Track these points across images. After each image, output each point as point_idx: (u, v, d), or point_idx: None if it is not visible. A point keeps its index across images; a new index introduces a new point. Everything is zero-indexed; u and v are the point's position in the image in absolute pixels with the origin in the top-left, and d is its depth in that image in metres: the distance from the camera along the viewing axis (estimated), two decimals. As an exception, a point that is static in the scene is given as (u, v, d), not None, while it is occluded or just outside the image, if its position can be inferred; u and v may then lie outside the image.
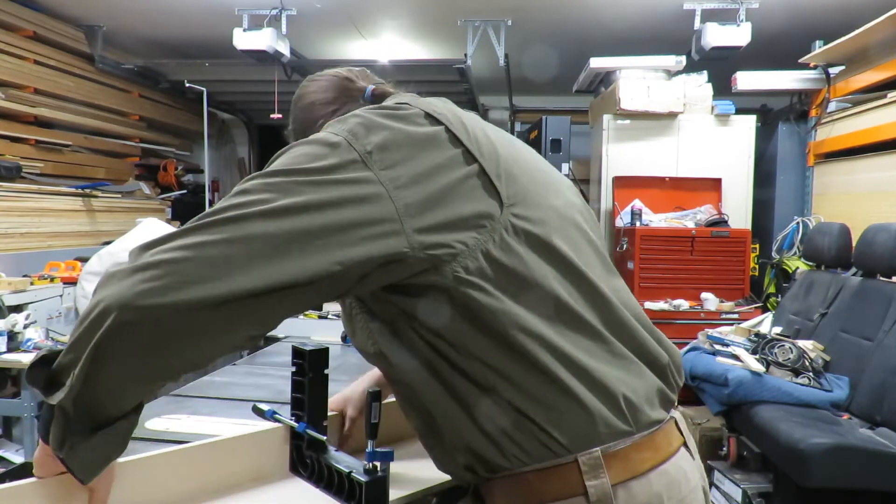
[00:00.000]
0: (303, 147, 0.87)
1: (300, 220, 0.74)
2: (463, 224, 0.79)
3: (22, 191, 4.30)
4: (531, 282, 0.82)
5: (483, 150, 0.84)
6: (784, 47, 4.68)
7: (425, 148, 0.81)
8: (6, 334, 3.06)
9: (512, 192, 0.83)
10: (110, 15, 4.91)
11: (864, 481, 2.40)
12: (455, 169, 0.81)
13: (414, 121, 0.84)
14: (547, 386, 0.81)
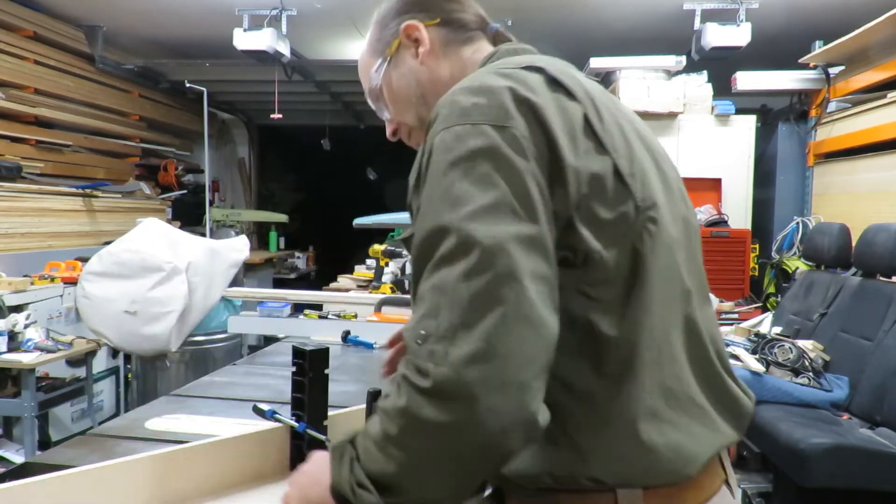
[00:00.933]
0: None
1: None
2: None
3: (22, 191, 4.30)
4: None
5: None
6: (784, 47, 4.68)
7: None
8: (7, 334, 3.07)
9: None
10: (110, 15, 4.91)
11: (864, 481, 2.40)
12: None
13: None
14: (613, 421, 0.75)
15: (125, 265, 3.23)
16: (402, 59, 0.99)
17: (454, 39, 0.98)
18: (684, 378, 0.78)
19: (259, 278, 6.67)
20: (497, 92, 0.75)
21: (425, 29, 0.97)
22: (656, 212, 0.78)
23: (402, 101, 1.00)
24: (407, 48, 0.98)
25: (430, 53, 0.97)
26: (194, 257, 3.35)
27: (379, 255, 3.46)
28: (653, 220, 0.77)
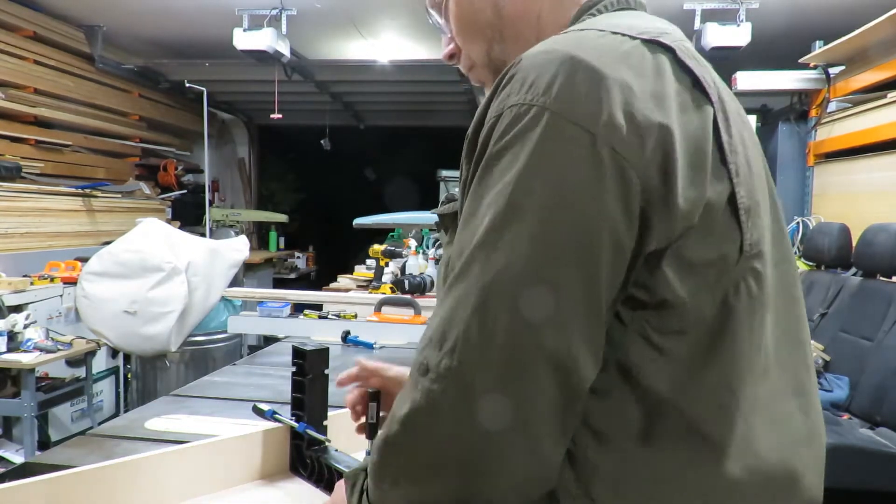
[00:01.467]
0: None
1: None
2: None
3: (22, 191, 4.30)
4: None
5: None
6: (784, 47, 4.68)
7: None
8: (6, 334, 3.06)
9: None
10: (110, 15, 4.90)
11: (864, 481, 2.40)
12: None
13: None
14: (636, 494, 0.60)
15: (125, 265, 3.23)
16: None
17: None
18: (756, 468, 0.61)
19: (259, 278, 6.67)
20: (608, 84, 0.55)
21: None
22: (761, 261, 0.62)
23: (471, 27, 0.77)
24: None
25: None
26: (194, 257, 3.35)
27: (379, 255, 3.46)
28: (755, 271, 0.61)
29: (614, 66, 0.56)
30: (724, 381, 0.59)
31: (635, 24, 0.63)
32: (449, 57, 0.84)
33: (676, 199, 0.56)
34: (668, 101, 0.57)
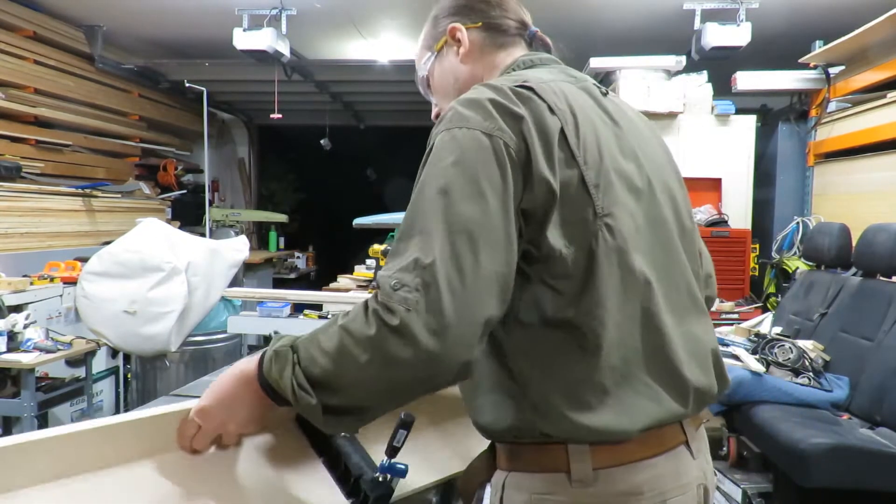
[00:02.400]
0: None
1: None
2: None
3: (22, 191, 4.30)
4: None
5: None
6: (784, 47, 4.68)
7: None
8: (6, 334, 3.06)
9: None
10: (110, 15, 4.91)
11: (864, 481, 2.40)
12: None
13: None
14: (563, 389, 0.89)
15: (125, 265, 3.23)
16: (445, 55, 1.15)
17: (491, 44, 1.13)
18: (631, 359, 0.90)
19: (259, 278, 6.67)
20: (486, 105, 0.89)
21: (467, 32, 1.12)
22: (612, 218, 0.90)
23: (443, 91, 1.16)
24: (451, 46, 1.13)
25: (468, 54, 1.12)
26: (194, 257, 3.35)
27: (379, 255, 3.46)
28: (608, 226, 0.89)
29: (492, 94, 0.91)
30: (598, 301, 0.88)
31: (517, 77, 0.97)
32: (435, 116, 1.16)
33: (533, 174, 0.87)
34: (524, 109, 0.90)
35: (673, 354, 0.93)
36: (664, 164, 1.06)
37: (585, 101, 0.98)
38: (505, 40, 1.14)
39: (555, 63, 1.10)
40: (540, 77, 0.98)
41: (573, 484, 0.88)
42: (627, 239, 0.90)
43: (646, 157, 1.00)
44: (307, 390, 0.84)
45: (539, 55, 1.11)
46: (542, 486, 0.90)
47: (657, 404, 0.91)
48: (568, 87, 0.98)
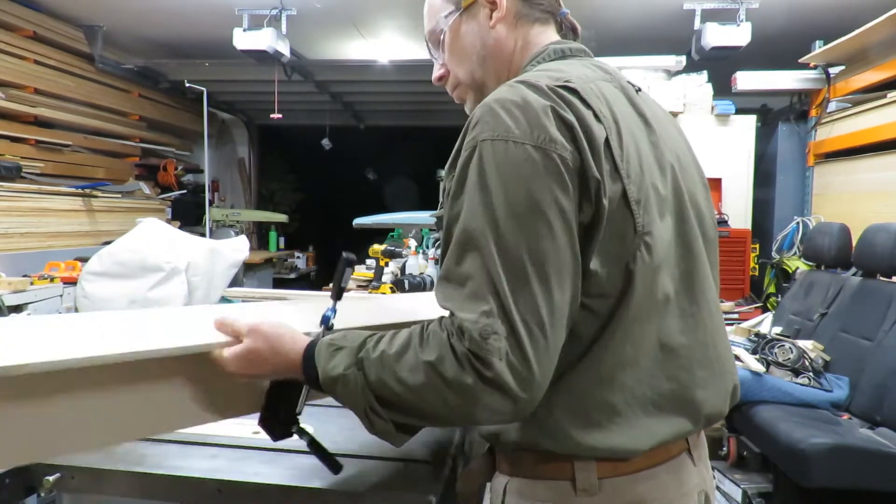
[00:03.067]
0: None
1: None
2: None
3: (22, 191, 4.30)
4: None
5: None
6: (784, 47, 4.68)
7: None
8: (6, 334, 3.06)
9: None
10: (110, 15, 4.91)
11: (864, 481, 2.40)
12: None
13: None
14: (585, 399, 0.87)
15: (125, 265, 3.23)
16: (474, 14, 1.03)
17: (527, 14, 1.03)
18: (644, 380, 0.88)
19: (259, 278, 6.67)
20: (539, 112, 0.82)
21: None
22: (651, 237, 0.86)
23: (463, 55, 1.05)
24: (483, 6, 1.02)
25: (503, 20, 1.01)
26: (194, 257, 3.34)
27: (379, 255, 3.46)
28: (647, 244, 0.86)
29: (543, 100, 0.84)
30: (625, 319, 0.85)
31: (557, 74, 0.89)
32: (439, 78, 1.10)
33: (590, 179, 0.82)
34: (576, 115, 0.84)
35: (687, 379, 0.91)
36: (693, 171, 1.01)
37: (624, 104, 0.92)
38: (540, 16, 1.04)
39: (586, 55, 1.03)
40: (580, 75, 0.90)
41: (578, 493, 0.88)
42: (662, 258, 0.87)
43: (679, 167, 0.95)
44: (379, 413, 0.86)
45: (570, 45, 1.03)
46: (545, 494, 0.90)
47: (667, 426, 0.90)
48: (607, 87, 0.92)
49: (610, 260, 0.84)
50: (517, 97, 0.83)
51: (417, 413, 0.85)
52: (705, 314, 0.94)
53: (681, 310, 0.91)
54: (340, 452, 1.26)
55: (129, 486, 1.14)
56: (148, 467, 1.16)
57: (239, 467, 1.19)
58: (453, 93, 1.10)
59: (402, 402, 0.84)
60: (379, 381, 0.84)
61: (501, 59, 1.02)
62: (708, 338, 0.94)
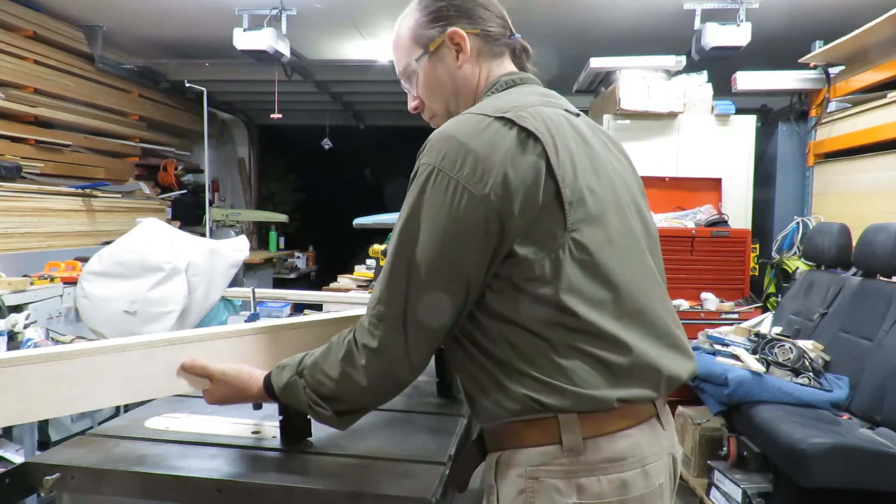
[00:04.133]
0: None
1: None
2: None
3: (22, 191, 4.30)
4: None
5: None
6: (784, 47, 4.68)
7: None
8: (6, 334, 3.06)
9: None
10: (110, 15, 4.91)
11: (864, 481, 2.40)
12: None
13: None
14: (547, 373, 1.01)
15: (125, 265, 3.23)
16: (442, 57, 1.18)
17: (486, 52, 1.19)
18: (598, 344, 1.01)
19: (259, 278, 6.67)
20: (477, 156, 0.99)
21: (466, 37, 1.17)
22: (580, 233, 1.00)
23: (436, 91, 1.22)
24: (448, 49, 1.18)
25: (468, 61, 1.18)
26: (194, 257, 3.35)
27: (379, 255, 3.46)
28: (574, 240, 1.00)
29: (470, 139, 1.00)
30: (553, 302, 0.99)
31: (500, 104, 1.06)
32: (415, 109, 1.30)
33: (514, 209, 0.97)
34: (499, 154, 0.99)
35: (642, 351, 1.03)
36: (632, 180, 1.18)
37: (561, 122, 1.07)
38: (497, 49, 1.20)
39: (532, 82, 1.20)
40: (521, 102, 1.07)
41: (565, 453, 0.99)
42: (594, 251, 1.01)
43: (616, 175, 1.11)
44: (321, 405, 1.11)
45: (519, 74, 1.20)
46: (536, 459, 1.01)
47: (617, 385, 1.01)
48: (546, 110, 1.07)
49: (542, 250, 0.99)
50: (463, 134, 1.02)
51: (346, 398, 1.10)
52: (653, 297, 1.10)
53: (632, 294, 1.05)
54: (341, 452, 1.26)
55: (129, 486, 1.15)
56: (148, 467, 1.16)
57: (239, 467, 1.19)
58: (430, 121, 1.27)
59: (334, 393, 1.09)
60: (314, 380, 1.10)
61: (469, 92, 1.19)
62: (661, 320, 1.09)
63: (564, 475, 0.99)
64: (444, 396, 1.67)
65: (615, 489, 0.99)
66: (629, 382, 1.01)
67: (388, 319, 1.03)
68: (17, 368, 1.10)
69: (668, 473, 1.08)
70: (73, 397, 1.17)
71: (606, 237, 1.03)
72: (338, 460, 1.23)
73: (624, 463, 1.00)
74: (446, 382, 1.68)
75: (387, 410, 1.57)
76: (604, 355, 1.00)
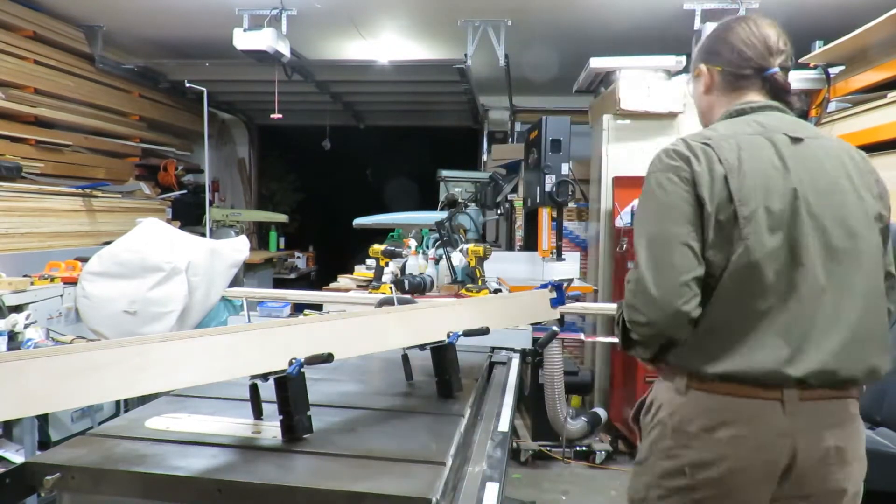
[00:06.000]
0: None
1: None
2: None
3: (22, 191, 4.30)
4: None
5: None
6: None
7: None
8: (6, 334, 3.06)
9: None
10: (110, 15, 4.91)
11: (864, 481, 2.39)
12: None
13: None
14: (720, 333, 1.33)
15: (125, 265, 3.23)
16: (696, 83, 1.59)
17: (724, 87, 1.52)
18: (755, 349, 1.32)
19: (259, 278, 6.67)
20: (682, 160, 1.38)
21: (708, 72, 1.54)
22: (749, 240, 1.29)
23: (696, 102, 1.63)
24: (699, 78, 1.57)
25: (708, 90, 1.55)
26: (194, 257, 3.35)
27: (379, 255, 3.46)
28: (746, 246, 1.29)
29: (684, 154, 1.40)
30: (728, 299, 1.32)
31: (710, 134, 1.42)
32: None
33: (703, 211, 1.33)
34: (701, 166, 1.36)
35: (773, 340, 1.30)
36: (838, 198, 1.36)
37: (762, 150, 1.35)
38: (741, 83, 1.50)
39: (766, 110, 1.46)
40: (727, 132, 1.40)
41: (675, 393, 1.37)
42: (758, 257, 1.29)
43: (813, 195, 1.33)
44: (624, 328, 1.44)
45: (752, 103, 1.47)
46: (665, 388, 1.41)
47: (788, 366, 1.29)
48: (752, 139, 1.37)
49: (721, 252, 1.31)
50: (675, 148, 1.42)
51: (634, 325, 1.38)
52: (806, 301, 1.32)
53: (783, 293, 1.32)
54: (341, 452, 1.26)
55: (129, 486, 1.15)
56: (148, 467, 1.16)
57: (239, 467, 1.19)
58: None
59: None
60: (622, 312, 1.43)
61: (706, 113, 1.58)
62: (808, 319, 1.32)
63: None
64: (444, 396, 1.67)
65: None
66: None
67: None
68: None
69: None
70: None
71: (771, 249, 1.31)
72: (338, 460, 1.23)
73: (713, 418, 1.35)
74: (446, 382, 1.68)
75: (387, 410, 1.57)
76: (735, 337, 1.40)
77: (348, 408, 1.55)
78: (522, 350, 2.42)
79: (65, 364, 1.06)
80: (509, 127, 7.29)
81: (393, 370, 1.88)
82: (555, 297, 2.33)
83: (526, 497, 3.44)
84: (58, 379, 1.05)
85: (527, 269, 4.39)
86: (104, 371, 1.09)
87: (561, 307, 2.34)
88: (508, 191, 5.33)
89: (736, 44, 1.49)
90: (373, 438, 1.34)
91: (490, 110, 7.41)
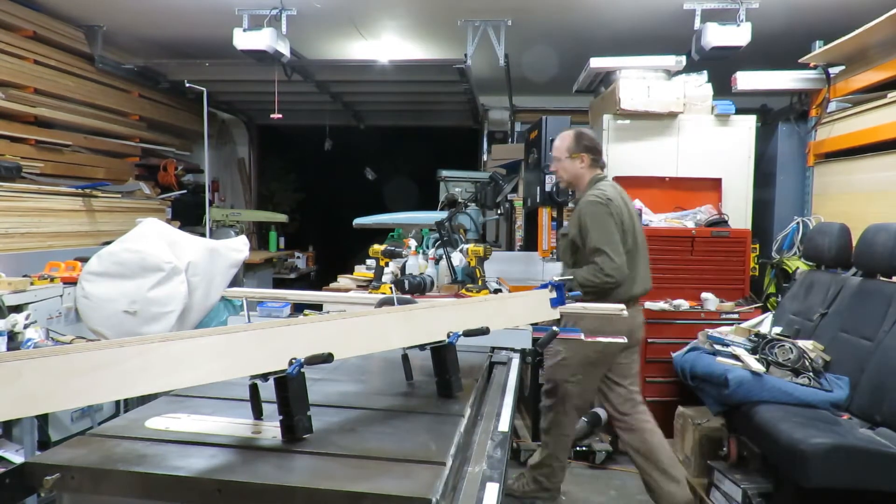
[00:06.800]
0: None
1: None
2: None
3: (22, 191, 4.30)
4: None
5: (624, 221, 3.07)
6: (784, 47, 4.68)
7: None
8: (6, 334, 3.06)
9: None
10: (110, 15, 4.91)
11: (864, 481, 2.40)
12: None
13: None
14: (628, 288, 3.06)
15: (125, 265, 3.23)
16: (574, 161, 3.14)
17: (591, 163, 3.15)
18: (639, 281, 3.11)
19: (259, 278, 6.67)
20: (606, 197, 3.02)
21: (585, 156, 3.13)
22: (630, 243, 3.03)
23: (568, 172, 3.18)
24: (578, 159, 3.13)
25: (584, 167, 3.14)
26: (194, 257, 3.35)
27: (379, 255, 3.45)
28: (628, 246, 3.01)
29: (605, 196, 3.11)
30: (634, 261, 3.07)
31: (603, 187, 3.12)
32: (553, 170, 3.37)
33: (623, 223, 3.08)
34: (614, 203, 3.09)
35: (642, 280, 3.10)
36: (636, 219, 3.15)
37: (624, 198, 3.10)
38: (596, 166, 3.16)
39: (607, 179, 3.18)
40: (610, 187, 3.08)
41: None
42: (635, 250, 3.04)
43: (632, 217, 3.08)
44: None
45: (602, 175, 3.18)
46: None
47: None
48: (619, 191, 3.09)
49: (624, 244, 2.98)
50: (598, 194, 3.02)
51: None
52: (646, 267, 3.13)
53: (643, 264, 3.11)
54: (341, 452, 1.26)
55: (129, 486, 1.15)
56: (148, 467, 1.16)
57: (239, 467, 1.19)
58: (561, 184, 3.47)
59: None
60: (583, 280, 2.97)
61: (580, 181, 3.17)
62: (647, 274, 3.14)
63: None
64: (444, 396, 1.67)
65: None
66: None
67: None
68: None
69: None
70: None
71: (636, 245, 3.06)
72: (338, 460, 1.23)
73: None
74: (446, 382, 1.68)
75: (387, 410, 1.57)
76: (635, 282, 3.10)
77: (348, 408, 1.55)
78: (522, 350, 2.42)
79: (65, 364, 1.06)
80: (509, 127, 7.29)
81: (393, 370, 1.88)
82: (555, 297, 2.33)
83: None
84: (58, 379, 1.05)
85: (527, 269, 4.40)
86: (104, 371, 1.09)
87: (561, 307, 2.34)
88: (508, 191, 5.33)
89: (595, 146, 3.17)
90: (373, 438, 1.34)
91: (490, 110, 7.41)
